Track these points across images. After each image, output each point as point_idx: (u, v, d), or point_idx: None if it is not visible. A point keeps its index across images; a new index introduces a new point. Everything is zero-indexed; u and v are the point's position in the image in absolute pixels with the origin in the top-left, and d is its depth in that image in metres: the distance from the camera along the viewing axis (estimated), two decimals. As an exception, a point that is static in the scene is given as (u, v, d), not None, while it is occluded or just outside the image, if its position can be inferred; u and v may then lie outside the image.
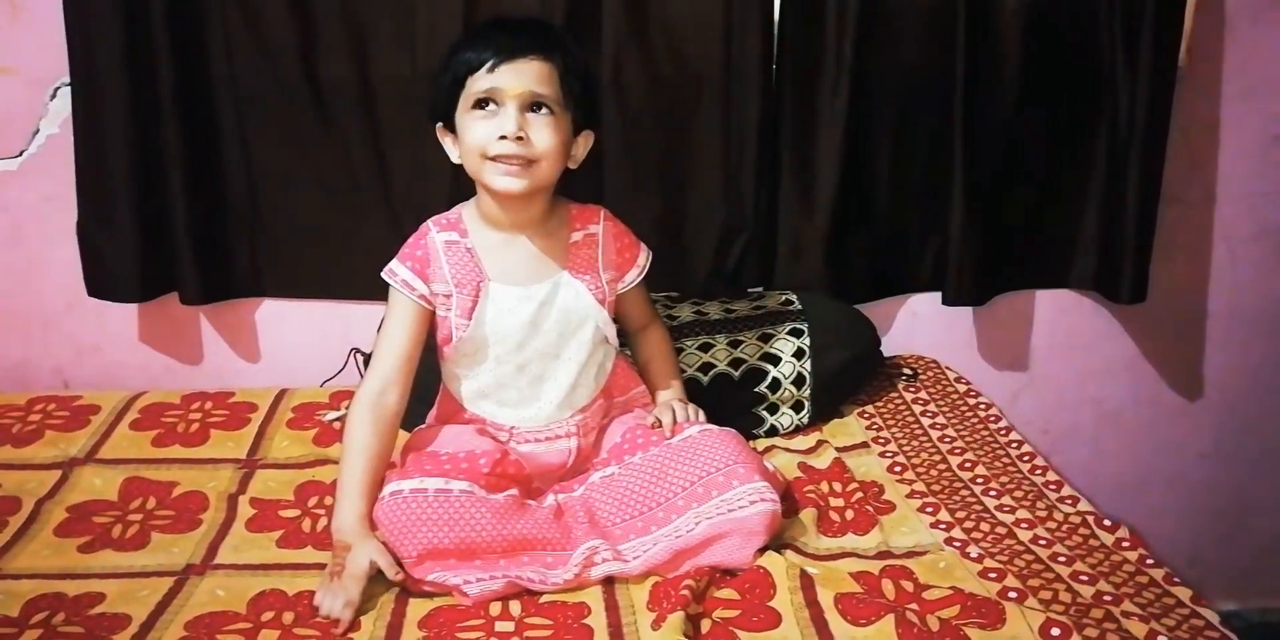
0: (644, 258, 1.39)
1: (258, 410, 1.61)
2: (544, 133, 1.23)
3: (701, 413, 1.36)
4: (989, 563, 1.21)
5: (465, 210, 1.33)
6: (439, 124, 1.30)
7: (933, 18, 1.66)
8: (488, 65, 1.21)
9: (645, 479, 1.25)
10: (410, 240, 1.32)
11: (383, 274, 1.31)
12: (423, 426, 1.38)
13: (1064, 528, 1.29)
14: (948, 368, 1.78)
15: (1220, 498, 2.07)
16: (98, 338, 1.76)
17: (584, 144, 1.31)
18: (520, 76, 1.21)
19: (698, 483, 1.22)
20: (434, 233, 1.31)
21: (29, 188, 1.69)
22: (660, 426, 1.32)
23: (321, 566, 1.20)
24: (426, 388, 1.38)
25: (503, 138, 1.21)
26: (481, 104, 1.23)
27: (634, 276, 1.38)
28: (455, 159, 1.30)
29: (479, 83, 1.22)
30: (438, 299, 1.30)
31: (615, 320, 1.37)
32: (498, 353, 1.30)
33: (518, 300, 1.29)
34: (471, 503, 1.19)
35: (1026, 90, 1.70)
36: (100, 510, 1.35)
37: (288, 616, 1.13)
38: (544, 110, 1.23)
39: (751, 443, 1.44)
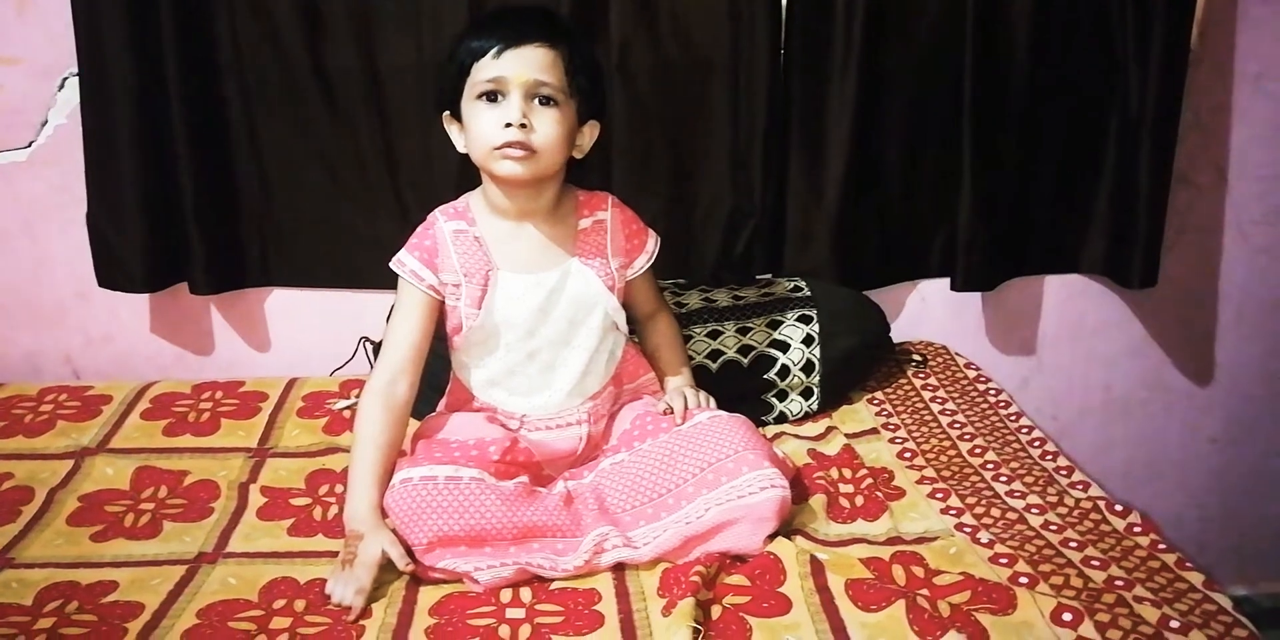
0: (652, 244, 1.39)
1: (268, 399, 1.61)
2: (547, 123, 1.23)
3: (712, 399, 1.36)
4: (1000, 548, 1.20)
5: (472, 199, 1.33)
6: (445, 112, 1.30)
7: (943, 1, 1.65)
8: (493, 52, 1.21)
9: (655, 465, 1.25)
10: (418, 230, 1.32)
11: (390, 264, 1.31)
12: (433, 414, 1.38)
13: (1075, 513, 1.29)
14: (957, 353, 1.77)
15: (1230, 483, 2.07)
16: (108, 328, 1.76)
17: (590, 134, 1.31)
18: (525, 63, 1.21)
19: (707, 469, 1.22)
20: (441, 222, 1.31)
21: (38, 178, 1.69)
22: (671, 413, 1.32)
23: (333, 554, 1.21)
24: (437, 376, 1.38)
25: (507, 125, 1.21)
26: (488, 97, 1.23)
27: (643, 263, 1.38)
28: (461, 148, 1.30)
29: (484, 70, 1.22)
30: (447, 289, 1.29)
31: (623, 308, 1.37)
32: (508, 341, 1.30)
33: (527, 288, 1.29)
34: (481, 490, 1.19)
35: (1037, 74, 1.69)
36: (112, 499, 1.35)
37: (299, 604, 1.13)
38: (549, 102, 1.23)
39: (760, 429, 1.43)
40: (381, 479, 1.22)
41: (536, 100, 1.22)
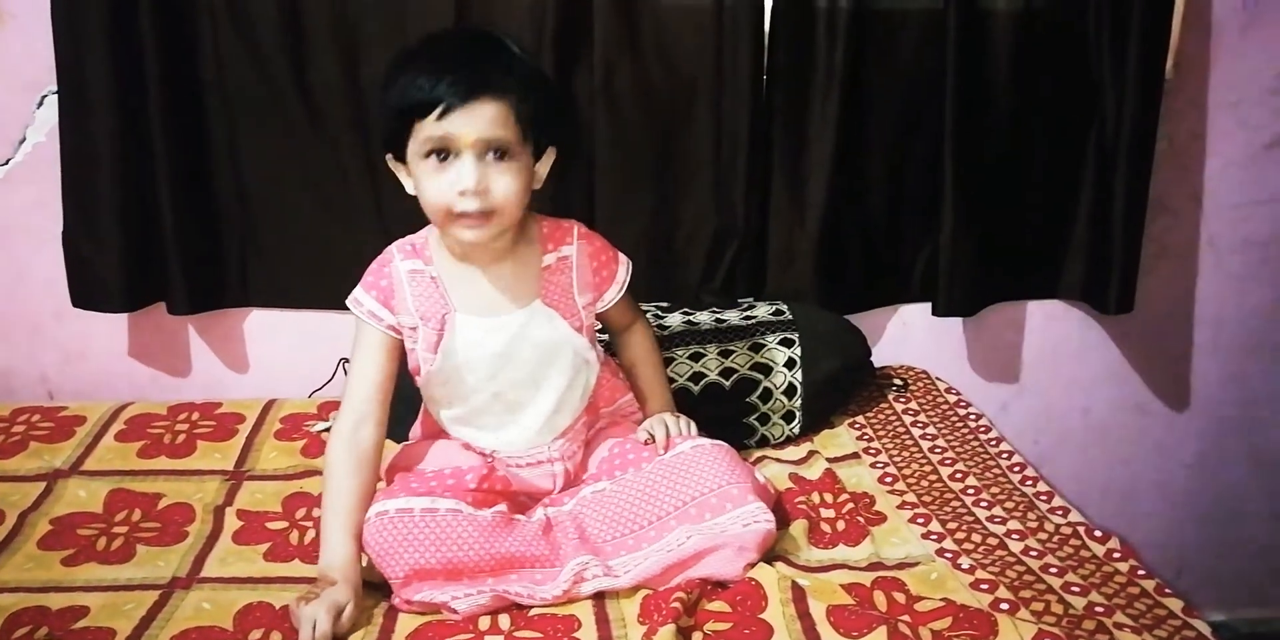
0: (624, 272, 1.33)
1: (245, 421, 1.60)
2: (504, 180, 1.15)
3: (693, 425, 1.34)
4: (981, 574, 1.20)
5: (431, 234, 1.27)
6: (389, 155, 1.23)
7: (924, 28, 1.67)
8: (437, 112, 1.11)
9: (637, 496, 1.23)
10: (373, 267, 1.27)
11: (347, 302, 1.26)
12: (408, 443, 1.35)
13: (1055, 539, 1.29)
14: (938, 378, 1.78)
15: (1208, 507, 2.08)
16: (84, 348, 1.74)
17: (546, 163, 1.24)
18: (474, 123, 1.12)
19: (690, 503, 1.20)
20: (398, 261, 1.26)
21: (15, 196, 1.67)
22: (653, 442, 1.30)
23: (310, 580, 1.19)
24: (413, 394, 1.36)
25: (462, 192, 1.14)
26: (436, 154, 1.15)
27: (613, 295, 1.33)
28: (411, 191, 1.22)
29: (429, 129, 1.13)
30: (405, 330, 1.25)
31: (599, 323, 1.35)
32: (470, 383, 1.25)
33: (486, 331, 1.24)
34: (458, 521, 1.17)
35: (1016, 100, 1.71)
36: (85, 522, 1.33)
37: (276, 636, 1.11)
38: (503, 156, 1.15)
39: (742, 453, 1.43)
40: (356, 527, 1.17)
41: (490, 154, 1.15)
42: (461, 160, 1.14)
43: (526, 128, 1.16)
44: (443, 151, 1.15)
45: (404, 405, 1.33)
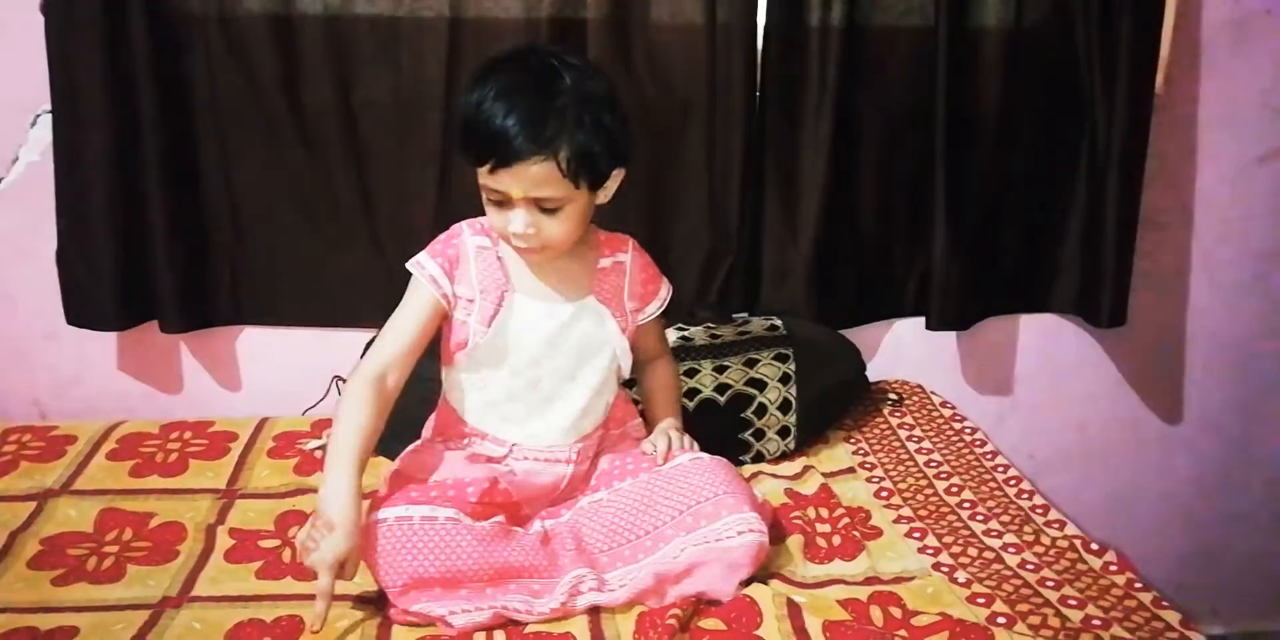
0: (665, 291, 1.39)
1: (238, 439, 1.59)
2: (555, 225, 1.21)
3: (695, 444, 1.35)
4: (977, 588, 1.20)
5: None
6: None
7: (915, 45, 1.68)
8: (488, 167, 1.18)
9: (634, 506, 1.24)
10: (442, 237, 1.30)
11: (409, 265, 1.27)
12: (413, 448, 1.34)
13: (1051, 552, 1.29)
14: (933, 392, 1.78)
15: (1203, 521, 2.08)
16: (76, 367, 1.74)
17: (614, 182, 1.27)
18: (521, 182, 1.17)
19: (686, 511, 1.20)
20: (467, 235, 1.29)
21: (8, 215, 1.67)
22: (653, 453, 1.30)
23: (303, 597, 1.17)
24: (412, 411, 1.36)
25: (515, 235, 1.21)
26: (494, 201, 1.22)
27: (654, 309, 1.38)
28: None
29: (484, 179, 1.20)
30: (459, 302, 1.27)
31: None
32: (513, 365, 1.28)
33: (540, 316, 1.27)
34: (457, 530, 1.17)
35: (1007, 117, 1.72)
36: (75, 542, 1.32)
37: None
38: (553, 210, 1.20)
39: (738, 469, 1.42)
40: (363, 466, 1.18)
41: (541, 209, 1.20)
42: (515, 209, 1.20)
43: (576, 178, 1.19)
44: (500, 200, 1.21)
45: (403, 424, 1.33)
